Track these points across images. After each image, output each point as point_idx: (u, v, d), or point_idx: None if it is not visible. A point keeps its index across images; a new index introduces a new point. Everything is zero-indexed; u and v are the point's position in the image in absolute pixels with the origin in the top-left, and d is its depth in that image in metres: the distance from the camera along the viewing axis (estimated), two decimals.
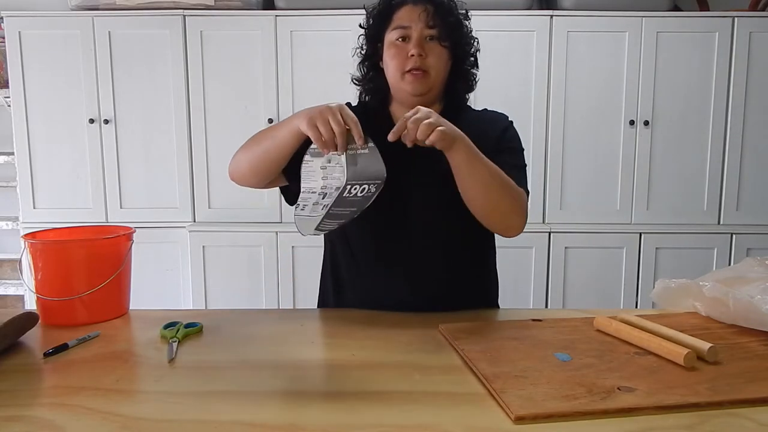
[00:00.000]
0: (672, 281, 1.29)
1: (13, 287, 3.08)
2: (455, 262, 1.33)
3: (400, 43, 1.27)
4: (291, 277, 2.69)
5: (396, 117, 1.35)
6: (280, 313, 1.57)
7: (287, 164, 1.24)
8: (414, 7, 1.27)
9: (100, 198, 2.75)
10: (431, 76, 1.27)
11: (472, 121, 1.34)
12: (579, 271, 2.70)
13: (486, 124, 1.35)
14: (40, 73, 2.69)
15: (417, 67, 1.25)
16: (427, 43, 1.26)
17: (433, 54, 1.27)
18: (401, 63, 1.27)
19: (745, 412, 0.82)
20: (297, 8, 2.64)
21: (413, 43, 1.25)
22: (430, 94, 1.30)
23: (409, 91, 1.28)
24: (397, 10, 1.28)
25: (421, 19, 1.25)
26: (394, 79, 1.30)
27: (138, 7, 2.66)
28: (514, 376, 0.92)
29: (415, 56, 1.25)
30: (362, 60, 1.37)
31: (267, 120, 2.67)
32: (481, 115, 1.40)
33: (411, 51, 1.25)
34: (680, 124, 2.68)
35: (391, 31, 1.28)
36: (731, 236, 2.68)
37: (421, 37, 1.26)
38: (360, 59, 1.37)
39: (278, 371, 1.00)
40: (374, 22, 1.33)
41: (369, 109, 1.37)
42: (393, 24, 1.28)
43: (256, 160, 1.24)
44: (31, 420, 0.83)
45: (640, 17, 2.62)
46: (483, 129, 1.31)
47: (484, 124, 1.35)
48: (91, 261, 1.24)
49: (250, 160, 1.26)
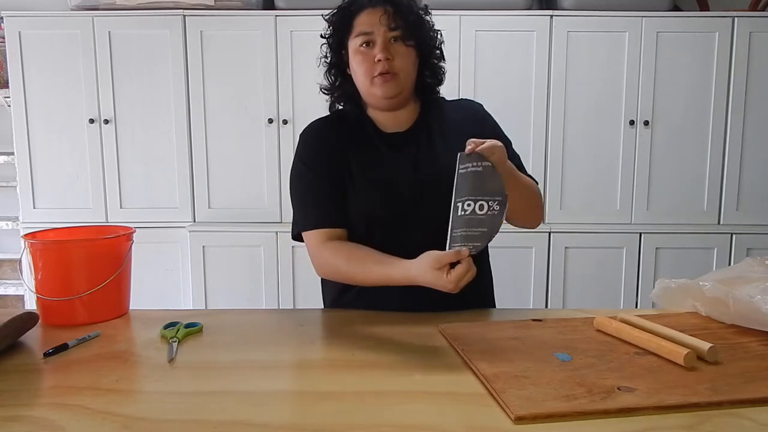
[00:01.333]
0: (672, 281, 1.29)
1: (13, 287, 3.08)
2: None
3: (365, 48, 1.26)
4: (291, 277, 2.69)
5: (377, 121, 1.36)
6: (280, 313, 1.57)
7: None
8: (373, 11, 1.25)
9: (100, 198, 2.75)
10: (400, 77, 1.27)
11: (449, 111, 1.38)
12: (579, 271, 2.70)
13: (470, 119, 1.37)
14: (40, 73, 2.69)
15: (385, 71, 1.25)
16: (391, 45, 1.26)
17: (399, 55, 1.26)
18: (369, 68, 1.26)
19: (745, 412, 0.82)
20: (297, 8, 2.64)
21: (378, 48, 1.24)
22: (401, 95, 1.30)
23: (380, 94, 1.28)
24: (357, 16, 1.27)
25: (383, 23, 1.24)
26: (364, 86, 1.29)
27: (138, 7, 2.66)
28: (514, 376, 0.92)
29: (382, 60, 1.24)
30: (328, 68, 1.36)
31: (267, 120, 2.67)
32: (459, 107, 1.41)
33: (377, 56, 1.24)
34: (680, 124, 2.68)
35: (355, 38, 1.27)
36: (731, 236, 2.68)
37: (385, 40, 1.25)
38: (326, 68, 1.36)
39: (278, 371, 1.00)
40: (335, 30, 1.31)
41: (349, 117, 1.37)
42: (355, 30, 1.27)
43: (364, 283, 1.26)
44: (31, 420, 0.83)
45: (640, 17, 2.62)
46: (461, 118, 1.36)
47: (469, 119, 1.37)
48: (91, 261, 1.24)
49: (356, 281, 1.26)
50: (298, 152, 1.37)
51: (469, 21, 2.62)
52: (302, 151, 1.36)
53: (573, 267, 2.70)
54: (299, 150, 1.37)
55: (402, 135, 1.34)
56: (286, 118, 2.68)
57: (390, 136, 1.34)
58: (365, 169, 1.31)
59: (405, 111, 1.35)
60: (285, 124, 2.68)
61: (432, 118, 1.36)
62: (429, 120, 1.36)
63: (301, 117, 2.65)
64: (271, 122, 2.68)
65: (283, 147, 2.69)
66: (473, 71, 2.63)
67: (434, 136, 1.34)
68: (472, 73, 2.63)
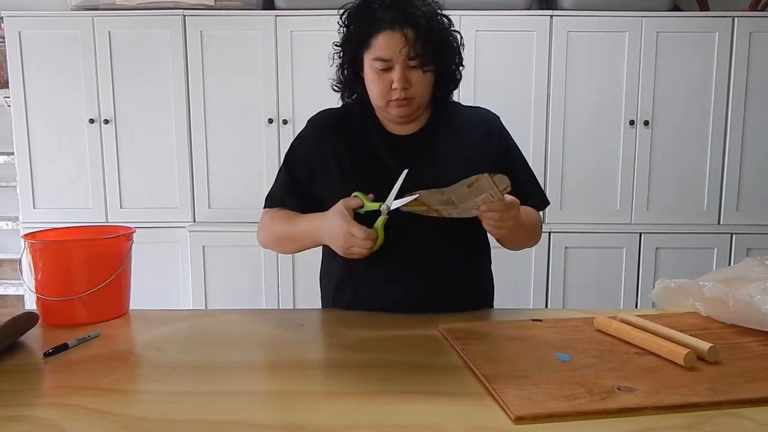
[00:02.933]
0: (672, 281, 1.29)
1: (13, 287, 3.08)
2: (450, 262, 1.33)
3: (382, 72, 1.22)
4: (291, 277, 2.69)
5: (383, 122, 1.34)
6: (280, 313, 1.57)
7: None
8: (393, 34, 1.18)
9: (100, 198, 2.75)
10: (416, 101, 1.25)
11: (462, 118, 1.36)
12: (579, 271, 2.70)
13: (481, 128, 1.36)
14: (40, 73, 2.69)
15: (402, 98, 1.22)
16: (409, 71, 1.21)
17: (417, 81, 1.22)
18: (384, 91, 1.23)
19: (745, 412, 0.82)
20: (297, 8, 2.64)
21: (396, 77, 1.20)
22: (415, 113, 1.30)
23: (395, 115, 1.27)
24: (375, 35, 1.20)
25: (403, 53, 1.18)
26: (377, 104, 1.27)
27: (138, 7, 2.66)
28: (514, 376, 0.92)
29: (399, 89, 1.21)
30: (340, 67, 1.32)
31: (267, 120, 2.67)
32: (473, 115, 1.39)
33: (394, 84, 1.21)
34: (680, 124, 2.68)
35: (372, 60, 1.22)
36: (731, 236, 2.68)
37: (403, 69, 1.20)
38: (338, 66, 1.32)
39: (278, 371, 1.00)
40: (349, 40, 1.26)
41: (354, 115, 1.35)
42: (372, 51, 1.21)
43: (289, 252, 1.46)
44: (31, 420, 0.83)
45: (640, 17, 2.62)
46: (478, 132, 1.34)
47: (479, 127, 1.36)
48: (91, 261, 1.24)
49: (282, 251, 1.48)
50: (299, 135, 1.40)
51: (469, 21, 2.61)
52: (300, 137, 1.40)
53: (573, 267, 2.70)
54: (301, 133, 1.40)
55: (406, 139, 1.32)
56: (286, 118, 2.68)
57: (393, 138, 1.33)
58: (358, 169, 1.30)
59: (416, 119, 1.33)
60: (285, 124, 2.68)
61: (442, 123, 1.34)
62: (437, 125, 1.34)
63: (301, 117, 2.65)
64: (271, 122, 2.68)
65: (283, 147, 2.68)
66: (473, 71, 2.62)
67: (439, 142, 1.32)
68: (472, 73, 2.62)
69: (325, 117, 1.38)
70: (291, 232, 1.33)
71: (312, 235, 1.28)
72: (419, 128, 1.33)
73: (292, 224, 1.32)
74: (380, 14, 1.20)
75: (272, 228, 1.37)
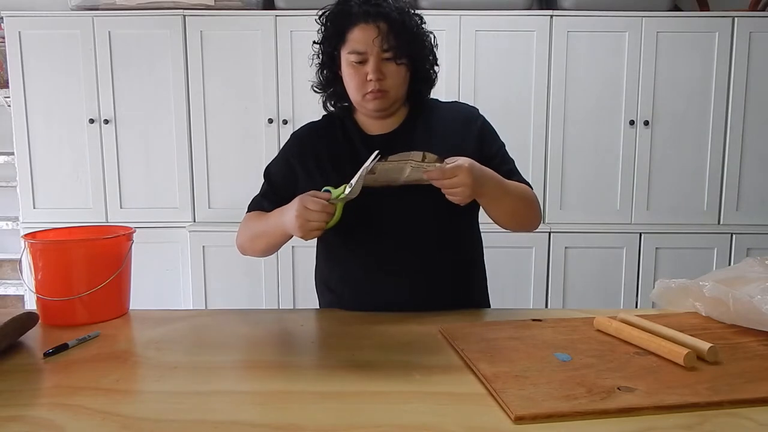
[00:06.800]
0: (672, 281, 1.29)
1: (13, 287, 3.08)
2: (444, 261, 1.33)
3: (357, 65, 1.26)
4: (291, 277, 2.69)
5: (363, 125, 1.37)
6: (280, 313, 1.57)
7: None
8: (366, 27, 1.24)
9: (100, 198, 2.75)
10: (391, 94, 1.28)
11: (442, 116, 1.37)
12: (579, 271, 2.70)
13: (459, 121, 1.37)
14: (40, 73, 2.69)
15: (377, 89, 1.26)
16: (383, 63, 1.26)
17: (391, 74, 1.27)
18: (360, 84, 1.27)
19: (745, 412, 0.82)
20: (297, 8, 2.64)
21: (371, 68, 1.25)
22: (392, 108, 1.32)
23: (371, 109, 1.30)
24: (350, 29, 1.26)
25: (376, 44, 1.24)
26: (355, 98, 1.31)
27: (138, 7, 2.66)
28: (514, 376, 0.92)
29: (374, 80, 1.25)
30: (320, 68, 1.37)
31: (267, 120, 2.67)
32: (451, 110, 1.40)
33: (369, 76, 1.25)
34: (680, 124, 2.68)
35: (347, 53, 1.27)
36: (731, 236, 2.68)
37: (377, 60, 1.25)
38: (317, 68, 1.37)
39: (278, 371, 1.00)
40: (327, 36, 1.31)
41: (335, 119, 1.39)
42: (348, 45, 1.27)
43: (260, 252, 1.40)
44: (31, 420, 0.83)
45: (640, 17, 2.62)
46: (456, 126, 1.36)
47: (457, 121, 1.37)
48: (91, 261, 1.24)
49: (255, 251, 1.40)
50: (283, 147, 1.44)
51: (469, 21, 2.61)
52: (283, 150, 1.44)
53: (573, 267, 2.70)
54: (285, 146, 1.44)
55: (384, 137, 1.34)
56: (286, 118, 2.68)
57: (372, 138, 1.35)
58: (339, 172, 1.30)
59: (393, 115, 1.36)
60: (285, 124, 2.68)
61: (419, 121, 1.36)
62: (415, 123, 1.36)
63: (301, 117, 2.65)
64: (271, 122, 2.68)
65: None
66: (473, 71, 2.62)
67: (417, 138, 1.33)
68: (472, 74, 2.63)
69: (306, 129, 1.43)
70: (261, 227, 1.35)
71: (279, 225, 1.27)
72: (396, 127, 1.36)
73: (262, 220, 1.35)
74: (355, 10, 1.26)
75: (246, 228, 1.40)
